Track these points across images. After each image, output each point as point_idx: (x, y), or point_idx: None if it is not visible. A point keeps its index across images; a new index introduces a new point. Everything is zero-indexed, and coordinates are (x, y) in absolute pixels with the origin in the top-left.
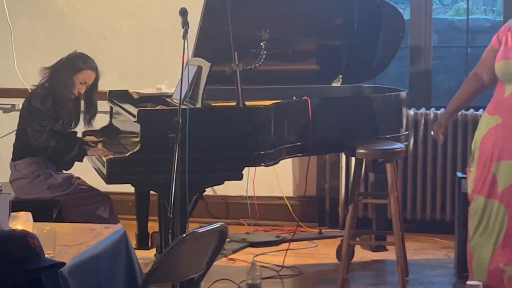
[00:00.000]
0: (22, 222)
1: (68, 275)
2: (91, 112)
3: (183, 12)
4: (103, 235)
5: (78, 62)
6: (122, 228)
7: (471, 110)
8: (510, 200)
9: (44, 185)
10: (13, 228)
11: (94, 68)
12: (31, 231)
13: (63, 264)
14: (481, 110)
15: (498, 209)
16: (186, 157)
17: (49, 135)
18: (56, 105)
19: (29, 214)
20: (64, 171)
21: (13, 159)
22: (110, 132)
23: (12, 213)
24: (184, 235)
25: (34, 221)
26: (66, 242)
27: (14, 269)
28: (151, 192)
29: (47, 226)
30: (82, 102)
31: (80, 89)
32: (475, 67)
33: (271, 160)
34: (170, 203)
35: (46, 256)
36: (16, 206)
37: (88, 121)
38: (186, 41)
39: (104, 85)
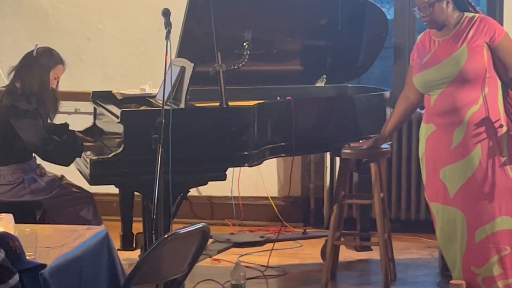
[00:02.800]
0: (4, 224)
1: (49, 277)
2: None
3: (166, 13)
4: (85, 236)
5: (49, 59)
6: (104, 230)
7: None
8: (464, 204)
9: (27, 190)
10: None
11: (63, 61)
12: (12, 233)
13: (44, 265)
14: None
15: (455, 214)
16: (169, 158)
17: (49, 132)
18: (41, 103)
19: (11, 216)
20: (48, 173)
21: None
22: (93, 133)
23: None
24: (166, 235)
25: (17, 222)
26: (48, 244)
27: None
28: (136, 193)
29: (28, 228)
30: None
31: (53, 84)
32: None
33: (255, 160)
34: (153, 204)
35: (27, 258)
36: (0, 207)
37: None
38: (169, 42)
39: (88, 86)
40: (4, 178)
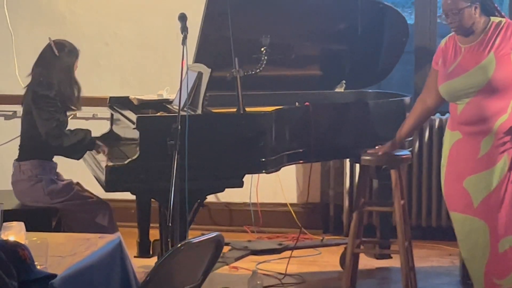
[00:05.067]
0: (15, 232)
1: (59, 287)
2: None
3: (182, 18)
4: (97, 245)
5: (70, 55)
6: (117, 238)
7: None
8: (488, 214)
9: (45, 191)
10: (6, 238)
11: (78, 51)
12: (23, 241)
13: (54, 275)
14: None
15: (478, 225)
16: (185, 165)
17: (59, 125)
18: (63, 96)
19: (22, 224)
20: (65, 177)
21: (18, 160)
22: (110, 139)
23: (4, 223)
24: (179, 245)
25: (33, 230)
26: (59, 253)
27: (4, 282)
28: (152, 199)
29: (40, 236)
30: None
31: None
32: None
33: (272, 167)
34: (169, 211)
35: (37, 267)
36: (16, 214)
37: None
38: (185, 47)
39: (105, 91)
40: (24, 173)
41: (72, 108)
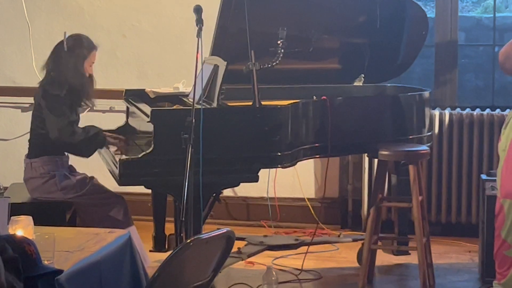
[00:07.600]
0: (23, 226)
1: (66, 282)
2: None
3: (197, 10)
4: (106, 240)
5: (82, 48)
6: (127, 233)
7: (498, 110)
8: None
9: (58, 186)
10: (13, 232)
11: (95, 46)
12: (31, 235)
13: (61, 271)
14: (507, 110)
15: None
16: (200, 158)
17: (71, 122)
18: (73, 93)
19: (30, 218)
20: (79, 172)
21: (28, 157)
22: (126, 132)
23: (12, 217)
24: (188, 241)
25: (47, 223)
26: (67, 248)
27: (10, 277)
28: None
29: (48, 231)
30: None
31: (90, 71)
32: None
33: (288, 161)
34: (182, 205)
35: (44, 263)
36: (30, 208)
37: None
38: (200, 39)
39: (123, 84)
40: (36, 170)
41: (83, 103)
